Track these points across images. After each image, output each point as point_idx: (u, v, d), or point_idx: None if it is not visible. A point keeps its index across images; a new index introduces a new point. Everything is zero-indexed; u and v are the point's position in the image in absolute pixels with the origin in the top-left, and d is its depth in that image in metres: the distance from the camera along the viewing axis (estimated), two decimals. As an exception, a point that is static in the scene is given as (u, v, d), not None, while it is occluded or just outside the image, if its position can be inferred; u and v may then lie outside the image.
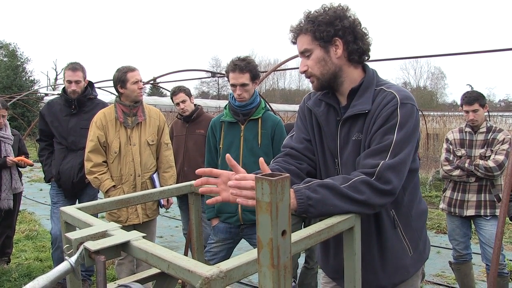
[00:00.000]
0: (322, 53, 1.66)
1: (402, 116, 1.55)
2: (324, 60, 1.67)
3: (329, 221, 1.36)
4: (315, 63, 1.68)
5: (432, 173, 9.82)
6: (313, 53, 1.67)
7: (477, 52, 4.99)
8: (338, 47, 1.66)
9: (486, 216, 3.70)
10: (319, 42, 1.65)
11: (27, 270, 4.69)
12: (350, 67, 1.70)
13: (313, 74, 1.70)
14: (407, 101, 1.59)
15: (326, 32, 1.62)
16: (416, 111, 1.61)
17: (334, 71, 1.68)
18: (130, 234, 1.26)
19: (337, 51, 1.66)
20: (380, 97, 1.63)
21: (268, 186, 0.89)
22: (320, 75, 1.69)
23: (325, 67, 1.67)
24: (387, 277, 1.73)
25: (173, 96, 4.41)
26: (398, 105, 1.57)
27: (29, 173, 12.68)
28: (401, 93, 1.61)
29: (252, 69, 2.95)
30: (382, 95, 1.63)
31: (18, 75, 26.04)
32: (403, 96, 1.60)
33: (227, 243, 3.10)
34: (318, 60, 1.67)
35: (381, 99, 1.62)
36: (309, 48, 1.67)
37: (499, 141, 3.66)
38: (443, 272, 4.76)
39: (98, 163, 3.47)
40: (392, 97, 1.60)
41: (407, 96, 1.61)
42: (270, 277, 0.92)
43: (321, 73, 1.68)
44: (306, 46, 1.67)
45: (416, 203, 1.78)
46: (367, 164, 1.52)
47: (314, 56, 1.67)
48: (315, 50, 1.66)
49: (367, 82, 1.69)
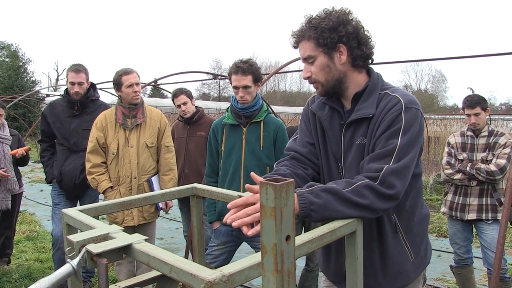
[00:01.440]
0: (326, 60, 1.64)
1: (406, 121, 1.55)
2: (328, 66, 1.65)
3: (331, 225, 1.35)
4: (319, 69, 1.66)
5: (433, 177, 9.79)
6: (317, 60, 1.65)
7: (478, 56, 4.99)
8: (342, 53, 1.64)
9: (487, 220, 3.70)
10: (323, 49, 1.63)
11: (27, 271, 4.68)
12: (354, 72, 1.69)
13: (317, 81, 1.68)
14: (412, 105, 1.58)
15: (330, 39, 1.60)
16: (420, 115, 1.60)
17: (339, 77, 1.67)
18: (132, 237, 1.26)
19: (341, 58, 1.64)
20: (384, 101, 1.62)
21: (272, 191, 0.88)
22: (324, 82, 1.68)
23: (329, 74, 1.66)
24: (388, 282, 1.72)
25: (174, 98, 4.42)
26: (403, 110, 1.56)
27: (30, 173, 12.69)
28: (406, 98, 1.60)
29: (254, 71, 2.95)
30: (387, 99, 1.62)
31: (20, 75, 26.06)
32: (408, 100, 1.59)
33: (228, 246, 3.09)
34: (322, 67, 1.65)
35: (385, 103, 1.61)
36: (312, 54, 1.65)
37: (500, 145, 3.66)
38: (444, 276, 4.75)
39: (96, 164, 3.48)
40: (396, 102, 1.59)
41: (411, 101, 1.60)
42: (274, 282, 0.92)
43: (325, 80, 1.67)
44: (309, 52, 1.65)
45: (418, 208, 1.77)
46: (370, 168, 1.51)
47: (318, 63, 1.65)
48: (318, 57, 1.65)
49: (371, 86, 1.68)
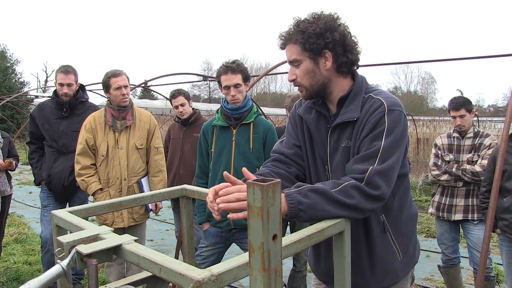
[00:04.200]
0: (311, 65, 1.67)
1: (389, 123, 1.58)
2: (313, 71, 1.68)
3: (319, 225, 1.37)
4: (304, 74, 1.68)
5: (422, 178, 9.89)
6: (302, 64, 1.68)
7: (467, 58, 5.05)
8: (328, 59, 1.66)
9: (473, 220, 3.75)
10: (309, 54, 1.65)
11: (16, 274, 4.64)
12: (339, 78, 1.71)
13: (302, 84, 1.71)
14: (395, 107, 1.61)
15: (316, 44, 1.62)
16: (404, 117, 1.63)
17: (323, 82, 1.69)
18: (122, 238, 1.27)
19: (326, 63, 1.67)
20: (368, 104, 1.65)
21: (259, 191, 0.90)
22: (309, 86, 1.70)
23: (314, 79, 1.68)
24: (376, 280, 1.75)
25: (172, 99, 4.40)
26: (386, 112, 1.59)
27: (19, 175, 12.55)
28: (389, 100, 1.63)
29: (243, 70, 3.00)
30: (370, 102, 1.65)
31: (8, 76, 25.76)
32: (391, 102, 1.62)
33: (217, 247, 3.10)
34: (307, 71, 1.68)
35: (369, 106, 1.64)
36: (298, 58, 1.67)
37: (485, 146, 3.72)
38: (432, 275, 4.81)
39: (86, 166, 3.47)
40: (379, 104, 1.62)
41: (394, 103, 1.63)
42: (261, 281, 0.94)
43: (310, 84, 1.70)
44: (295, 56, 1.68)
45: (406, 207, 1.80)
46: (356, 170, 1.54)
47: (303, 67, 1.68)
48: (304, 61, 1.67)
49: (355, 90, 1.71)
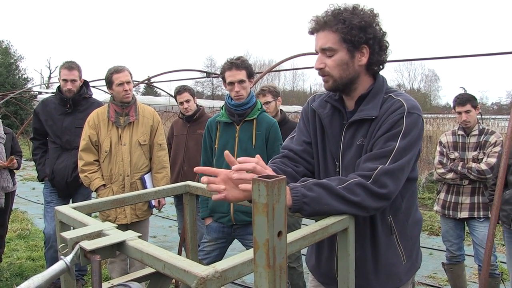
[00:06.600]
0: (347, 57, 1.61)
1: (407, 125, 1.55)
2: (346, 64, 1.62)
3: (323, 222, 1.36)
4: (336, 64, 1.63)
5: (425, 175, 9.85)
6: (337, 54, 1.62)
7: (471, 55, 5.04)
8: (364, 54, 1.62)
9: (479, 218, 3.74)
10: (347, 46, 1.59)
11: (19, 269, 4.66)
12: (366, 75, 1.68)
13: (330, 75, 1.65)
14: (414, 111, 1.59)
15: (357, 37, 1.58)
16: (421, 122, 1.61)
17: (353, 77, 1.65)
18: (125, 234, 1.27)
19: (362, 58, 1.63)
20: (387, 104, 1.63)
21: (264, 187, 0.89)
22: (338, 78, 1.64)
23: (345, 71, 1.63)
24: (380, 283, 1.72)
25: (178, 95, 4.38)
26: (405, 114, 1.57)
27: (22, 171, 12.59)
28: (409, 102, 1.61)
29: (248, 66, 3.00)
30: (390, 102, 1.63)
31: (11, 72, 25.87)
32: (411, 105, 1.60)
33: (219, 242, 3.10)
34: (340, 63, 1.62)
35: (388, 105, 1.62)
36: (334, 47, 1.61)
37: (491, 143, 3.70)
38: (435, 273, 4.80)
39: (89, 162, 3.47)
40: (399, 105, 1.60)
41: (414, 106, 1.61)
42: (266, 277, 0.93)
43: (340, 76, 1.64)
44: (331, 44, 1.61)
45: (413, 211, 1.78)
46: (365, 167, 1.52)
47: (337, 58, 1.62)
48: (339, 52, 1.61)
49: (376, 88, 1.68)
